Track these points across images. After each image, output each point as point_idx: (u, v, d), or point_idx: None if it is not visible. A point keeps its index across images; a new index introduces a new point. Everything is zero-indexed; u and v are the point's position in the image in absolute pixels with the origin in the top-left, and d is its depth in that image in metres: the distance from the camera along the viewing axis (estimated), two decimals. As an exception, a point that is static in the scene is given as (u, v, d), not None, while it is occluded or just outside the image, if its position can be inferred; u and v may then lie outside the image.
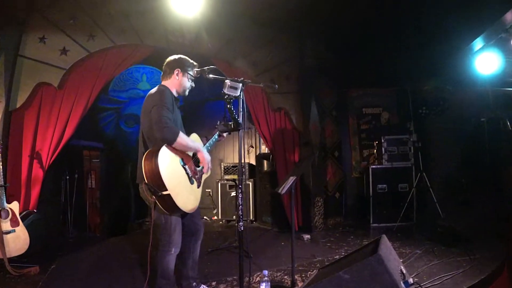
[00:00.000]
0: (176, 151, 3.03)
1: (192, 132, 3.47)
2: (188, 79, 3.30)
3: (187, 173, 3.09)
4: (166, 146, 2.96)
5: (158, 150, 2.89)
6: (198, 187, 3.23)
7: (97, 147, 7.06)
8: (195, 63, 3.35)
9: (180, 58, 3.34)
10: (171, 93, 3.19)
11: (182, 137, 2.99)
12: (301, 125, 6.97)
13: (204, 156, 3.18)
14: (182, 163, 3.04)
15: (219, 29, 6.39)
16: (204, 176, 3.35)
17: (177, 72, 3.29)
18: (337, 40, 7.08)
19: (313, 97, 7.03)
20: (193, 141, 3.13)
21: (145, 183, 2.87)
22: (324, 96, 7.51)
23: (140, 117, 3.25)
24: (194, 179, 3.17)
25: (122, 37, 5.81)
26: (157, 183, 2.84)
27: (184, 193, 3.04)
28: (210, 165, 3.21)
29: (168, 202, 2.90)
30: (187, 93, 3.34)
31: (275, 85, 3.55)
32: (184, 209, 3.00)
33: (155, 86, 3.31)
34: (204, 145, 3.48)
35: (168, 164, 2.93)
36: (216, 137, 3.68)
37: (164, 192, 2.86)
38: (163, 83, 3.30)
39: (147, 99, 3.17)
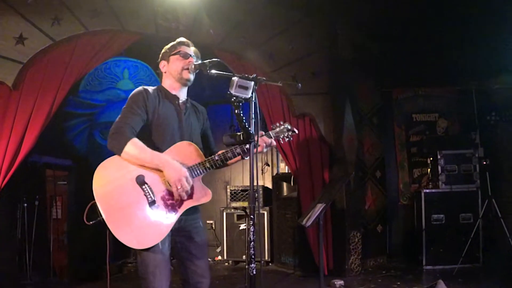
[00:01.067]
0: (127, 165, 2.98)
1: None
2: (177, 60, 3.31)
3: (146, 195, 2.95)
4: (112, 157, 2.97)
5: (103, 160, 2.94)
6: (175, 213, 3.06)
7: (64, 165, 7.05)
8: (181, 39, 3.41)
9: (164, 48, 3.45)
10: (161, 91, 3.25)
11: (132, 147, 2.92)
12: (332, 136, 7.02)
13: (171, 172, 2.97)
14: (139, 180, 2.93)
15: (225, 10, 6.43)
16: (194, 203, 3.17)
17: (163, 65, 3.37)
18: (380, 27, 7.06)
19: (348, 99, 7.03)
20: (153, 152, 3.01)
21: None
22: (362, 99, 7.49)
23: None
24: (161, 204, 3.00)
25: (96, 20, 5.84)
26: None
27: (134, 223, 2.90)
28: (184, 185, 2.99)
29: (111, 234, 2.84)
30: (188, 76, 3.28)
31: (298, 83, 3.60)
32: (138, 245, 2.88)
33: (140, 85, 3.35)
34: (208, 159, 3.29)
35: (112, 179, 2.90)
36: (231, 154, 3.46)
37: (102, 217, 2.84)
38: (161, 83, 3.42)
39: None
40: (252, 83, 2.87)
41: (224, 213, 8.09)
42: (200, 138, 3.35)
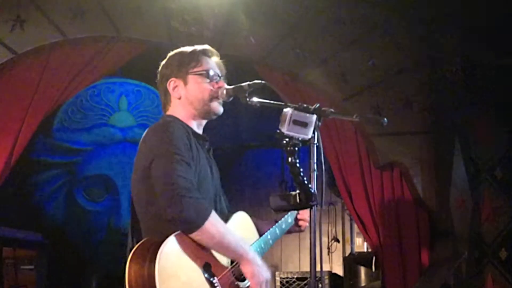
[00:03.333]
0: (196, 248, 2.94)
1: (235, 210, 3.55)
2: (200, 82, 3.30)
3: None
4: (177, 236, 2.85)
5: (161, 244, 2.79)
6: None
7: (31, 241, 7.00)
8: (204, 48, 3.42)
9: (171, 57, 3.47)
10: (186, 127, 3.22)
11: (215, 222, 2.94)
12: (434, 197, 6.73)
13: (256, 270, 3.07)
14: (206, 274, 2.92)
15: (272, 8, 6.39)
16: None
17: (172, 83, 3.32)
18: (507, 36, 6.55)
19: (458, 142, 6.73)
20: (235, 235, 3.10)
21: None
22: (480, 141, 6.93)
23: (131, 182, 3.30)
24: None
25: (80, 24, 5.88)
26: None
27: None
28: None
29: None
30: (218, 109, 3.30)
31: (383, 118, 3.22)
32: None
33: (145, 120, 3.62)
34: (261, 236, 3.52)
35: (176, 272, 2.83)
36: (290, 220, 3.74)
37: None
38: (168, 112, 3.40)
39: (142, 146, 3.18)
40: (314, 117, 2.80)
41: (272, 315, 8.04)
42: None
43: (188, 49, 3.37)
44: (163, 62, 3.43)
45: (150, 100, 8.57)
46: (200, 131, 3.33)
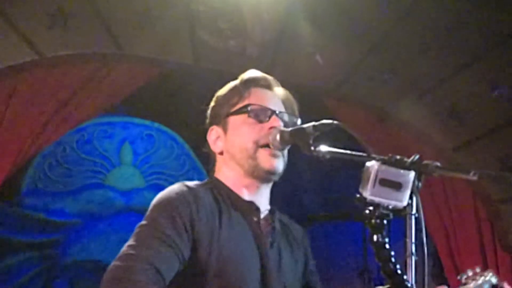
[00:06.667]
0: None
1: None
2: (244, 124, 2.80)
3: None
4: None
5: None
6: None
7: None
8: (250, 75, 2.92)
9: (217, 95, 2.96)
10: (210, 191, 2.76)
11: None
12: None
13: None
14: None
15: (346, 15, 5.79)
16: None
17: (212, 133, 2.87)
18: None
19: None
20: None
21: None
22: None
23: None
24: None
25: (61, 35, 5.34)
26: None
27: None
28: None
29: None
30: (271, 163, 2.74)
31: None
32: None
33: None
34: None
35: None
36: None
37: None
38: (215, 175, 2.93)
39: None
40: (412, 174, 2.21)
41: None
42: None
43: (235, 82, 2.95)
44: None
45: (166, 149, 7.48)
46: (258, 200, 2.79)
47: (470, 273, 2.79)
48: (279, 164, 2.69)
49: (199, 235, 2.59)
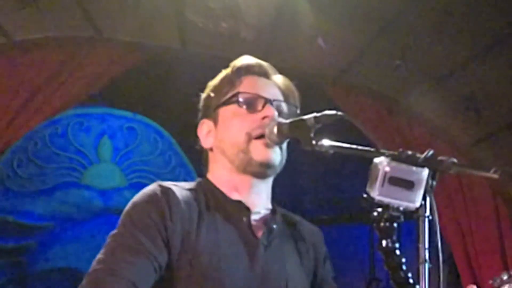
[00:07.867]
0: None
1: None
2: (235, 115, 2.81)
3: None
4: None
5: None
6: None
7: None
8: (244, 62, 2.93)
9: (206, 90, 3.02)
10: (193, 193, 2.70)
11: None
12: None
13: None
14: None
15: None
16: None
17: (203, 127, 2.86)
18: None
19: None
20: None
21: None
22: None
23: None
24: None
25: (30, 16, 5.22)
26: None
27: None
28: None
29: None
30: (265, 154, 2.71)
31: None
32: None
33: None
34: None
35: None
36: None
37: None
38: (207, 174, 2.94)
39: None
40: (425, 172, 2.26)
41: None
42: None
43: (227, 70, 2.90)
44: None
45: (150, 144, 7.21)
46: (251, 199, 2.64)
47: (505, 277, 2.55)
48: (275, 156, 2.64)
49: (173, 241, 2.50)
